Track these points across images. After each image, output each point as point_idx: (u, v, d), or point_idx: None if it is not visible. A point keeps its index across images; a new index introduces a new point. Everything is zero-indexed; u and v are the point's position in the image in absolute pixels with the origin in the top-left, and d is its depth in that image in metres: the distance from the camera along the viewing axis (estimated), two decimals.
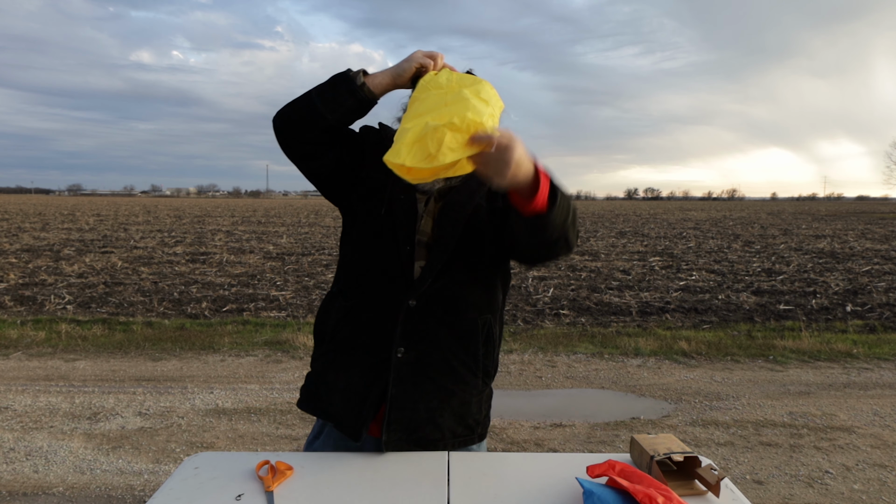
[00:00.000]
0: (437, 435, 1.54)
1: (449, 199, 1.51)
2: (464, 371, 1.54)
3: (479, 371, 1.57)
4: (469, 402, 1.57)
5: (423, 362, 1.50)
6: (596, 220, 34.99)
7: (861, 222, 32.34)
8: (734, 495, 1.30)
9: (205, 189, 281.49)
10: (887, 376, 5.30)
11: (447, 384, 1.53)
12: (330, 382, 1.56)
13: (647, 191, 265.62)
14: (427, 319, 1.49)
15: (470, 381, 1.56)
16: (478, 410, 1.61)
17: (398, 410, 1.50)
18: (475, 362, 1.56)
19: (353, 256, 1.59)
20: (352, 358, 1.54)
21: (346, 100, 1.44)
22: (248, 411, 4.37)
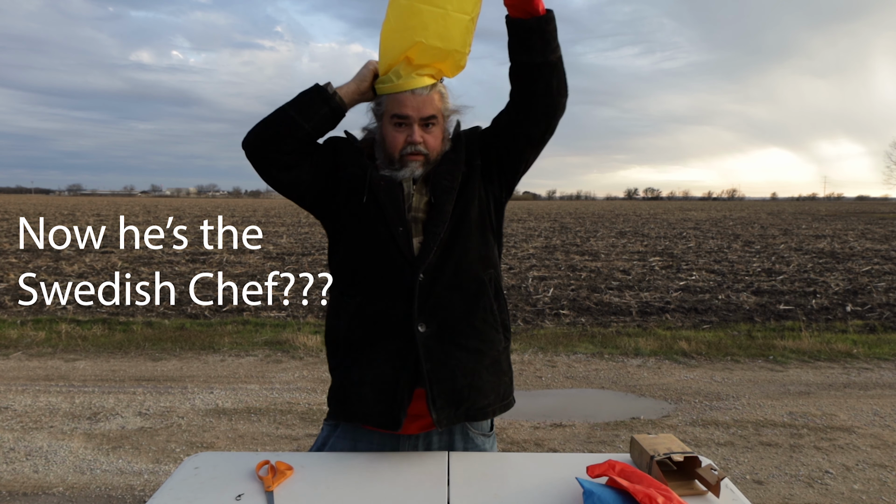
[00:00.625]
0: (483, 400, 1.56)
1: (436, 171, 1.55)
2: (486, 328, 1.57)
3: (499, 325, 1.61)
4: (499, 359, 1.61)
5: (446, 331, 1.52)
6: (596, 220, 34.99)
7: (861, 222, 32.34)
8: (734, 495, 1.30)
9: (205, 189, 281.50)
10: (887, 376, 5.30)
11: (475, 345, 1.55)
12: (356, 381, 1.54)
13: (647, 191, 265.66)
14: (438, 289, 1.51)
15: (494, 338, 1.59)
16: (508, 366, 1.65)
17: (438, 384, 1.49)
18: (493, 317, 1.59)
19: (348, 255, 1.59)
20: (373, 351, 1.53)
21: (320, 108, 1.53)
22: (248, 411, 4.37)
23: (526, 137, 1.56)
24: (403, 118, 1.51)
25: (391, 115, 1.53)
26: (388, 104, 1.54)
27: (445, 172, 1.55)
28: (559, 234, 22.59)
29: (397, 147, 1.53)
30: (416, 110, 1.51)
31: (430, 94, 1.52)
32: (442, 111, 1.56)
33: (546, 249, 16.34)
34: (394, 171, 1.54)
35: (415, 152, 1.53)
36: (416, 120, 1.52)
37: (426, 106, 1.52)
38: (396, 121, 1.52)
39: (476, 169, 1.59)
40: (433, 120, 1.54)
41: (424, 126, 1.53)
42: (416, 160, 1.54)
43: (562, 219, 36.06)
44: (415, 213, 1.54)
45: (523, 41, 1.46)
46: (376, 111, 1.59)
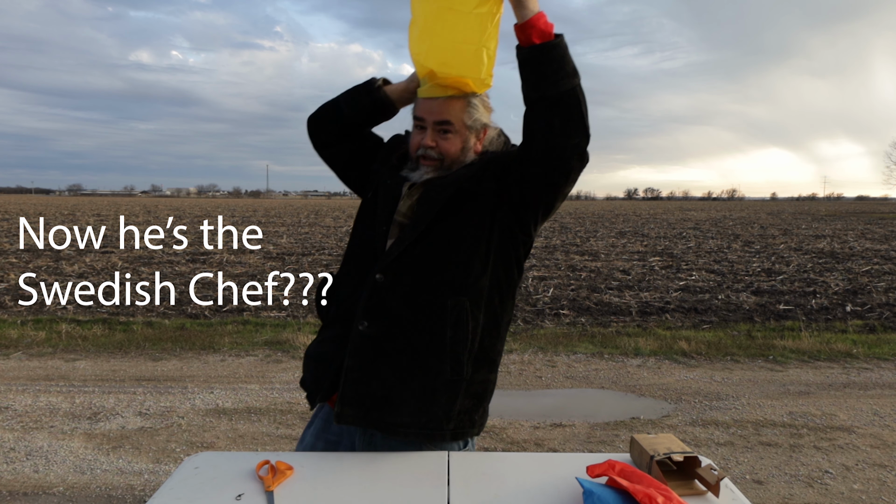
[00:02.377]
0: (395, 419, 1.50)
1: (431, 183, 1.56)
2: (427, 354, 1.50)
3: (447, 356, 1.49)
4: (434, 389, 1.50)
5: (383, 338, 1.51)
6: (596, 220, 35.00)
7: (861, 222, 32.34)
8: (734, 495, 1.30)
9: (205, 189, 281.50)
10: (887, 376, 5.30)
11: (406, 364, 1.50)
12: (309, 354, 1.67)
13: (646, 191, 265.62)
14: (393, 295, 1.51)
15: (434, 366, 1.50)
16: (448, 402, 1.51)
17: (352, 384, 1.51)
18: (440, 346, 1.49)
19: (350, 236, 1.71)
20: (326, 330, 1.65)
21: (362, 97, 1.65)
22: (248, 411, 4.37)
23: (533, 176, 1.47)
24: (420, 120, 1.57)
25: (413, 116, 1.61)
26: (415, 106, 1.62)
27: (440, 184, 1.53)
28: (559, 234, 22.59)
29: (414, 148, 1.58)
30: (429, 114, 1.54)
31: (448, 100, 1.53)
32: (463, 120, 1.54)
33: (546, 249, 16.33)
34: (410, 171, 1.60)
35: (426, 156, 1.55)
36: (430, 123, 1.54)
37: (440, 111, 1.53)
38: (416, 123, 1.59)
39: (487, 191, 1.52)
40: (447, 126, 1.54)
41: (439, 131, 1.54)
42: (427, 164, 1.56)
43: (562, 219, 36.06)
44: (398, 216, 1.55)
45: (519, 71, 1.43)
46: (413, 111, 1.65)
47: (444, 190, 1.52)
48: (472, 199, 1.52)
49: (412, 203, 1.55)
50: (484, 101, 1.58)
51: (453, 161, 1.56)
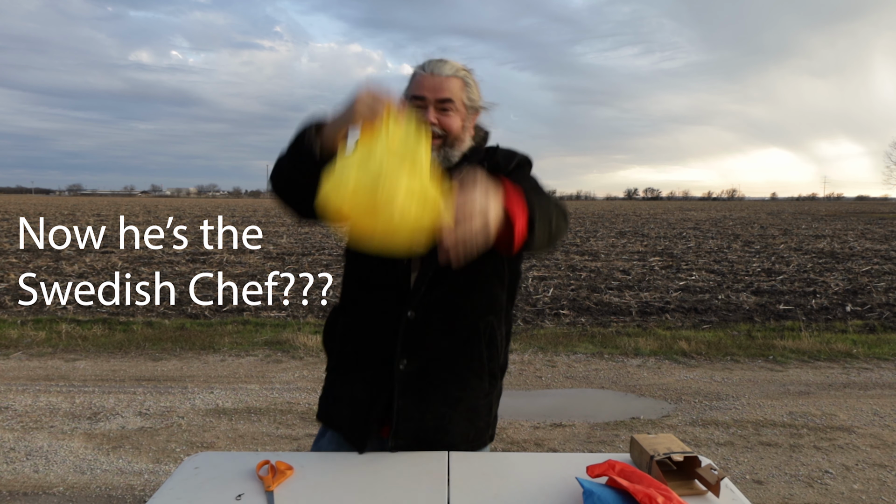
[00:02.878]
0: (447, 441, 1.53)
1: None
2: (469, 375, 1.54)
3: (485, 374, 1.57)
4: (477, 405, 1.57)
5: (427, 372, 1.50)
6: (596, 220, 34.99)
7: (861, 222, 32.33)
8: (734, 495, 1.30)
9: (205, 189, 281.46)
10: (887, 376, 5.30)
11: (454, 391, 1.53)
12: (338, 395, 1.59)
13: (646, 191, 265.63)
14: (427, 329, 1.49)
15: (476, 385, 1.56)
16: (487, 412, 1.61)
17: (405, 422, 1.50)
18: (480, 366, 1.55)
19: (351, 271, 1.60)
20: (356, 372, 1.55)
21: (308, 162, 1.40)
22: (248, 411, 4.37)
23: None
24: (419, 100, 1.49)
25: (411, 95, 1.51)
26: (410, 87, 1.53)
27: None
28: None
29: None
30: (431, 91, 1.48)
31: (449, 77, 1.49)
32: (463, 100, 1.52)
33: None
34: None
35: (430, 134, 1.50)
36: (432, 101, 1.48)
37: (443, 88, 1.49)
38: (415, 102, 1.50)
39: None
40: (449, 104, 1.49)
41: (440, 109, 1.49)
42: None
43: None
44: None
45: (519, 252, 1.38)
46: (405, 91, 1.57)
47: None
48: None
49: None
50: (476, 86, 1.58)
51: (455, 138, 1.52)
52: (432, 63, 1.51)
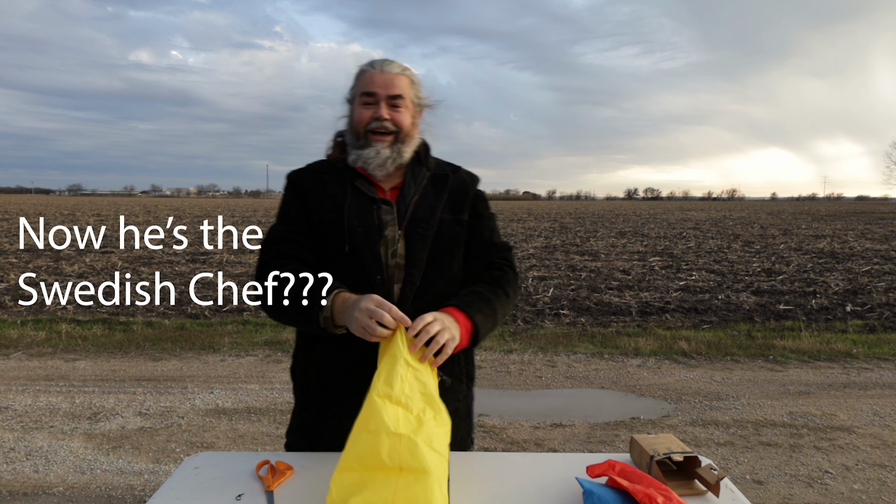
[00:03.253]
0: None
1: (413, 217, 1.53)
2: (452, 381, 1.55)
3: (464, 377, 1.60)
4: (458, 408, 1.58)
5: None
6: (596, 220, 34.99)
7: (861, 222, 32.34)
8: (734, 495, 1.30)
9: (205, 189, 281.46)
10: (887, 376, 5.30)
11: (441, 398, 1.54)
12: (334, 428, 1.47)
13: (646, 191, 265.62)
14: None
15: (458, 390, 1.58)
16: (466, 415, 1.63)
17: None
18: (459, 369, 1.58)
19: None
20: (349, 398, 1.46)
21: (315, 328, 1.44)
22: (248, 411, 4.37)
23: None
24: (371, 95, 1.54)
25: (360, 93, 1.55)
26: (358, 85, 1.58)
27: (421, 219, 1.53)
28: (559, 234, 22.59)
29: (363, 122, 1.54)
30: (383, 88, 1.53)
31: (398, 74, 1.55)
32: (412, 98, 1.58)
33: (546, 249, 16.33)
34: (358, 149, 1.55)
35: (381, 129, 1.53)
36: (383, 97, 1.53)
37: (394, 84, 1.54)
38: (365, 99, 1.54)
39: (462, 224, 1.60)
40: (400, 100, 1.54)
41: (392, 106, 1.54)
42: (381, 140, 1.54)
43: (562, 219, 36.05)
44: (398, 258, 1.51)
45: None
46: (349, 96, 1.61)
47: (428, 225, 1.53)
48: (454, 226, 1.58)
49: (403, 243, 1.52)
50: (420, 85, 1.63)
51: (406, 134, 1.56)
52: (381, 62, 1.56)
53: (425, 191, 1.58)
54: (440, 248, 1.54)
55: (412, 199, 1.55)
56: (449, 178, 1.62)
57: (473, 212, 1.63)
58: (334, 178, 1.59)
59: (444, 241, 1.55)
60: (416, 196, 1.56)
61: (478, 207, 1.65)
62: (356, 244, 1.49)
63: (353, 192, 1.55)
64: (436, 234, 1.53)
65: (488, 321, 1.48)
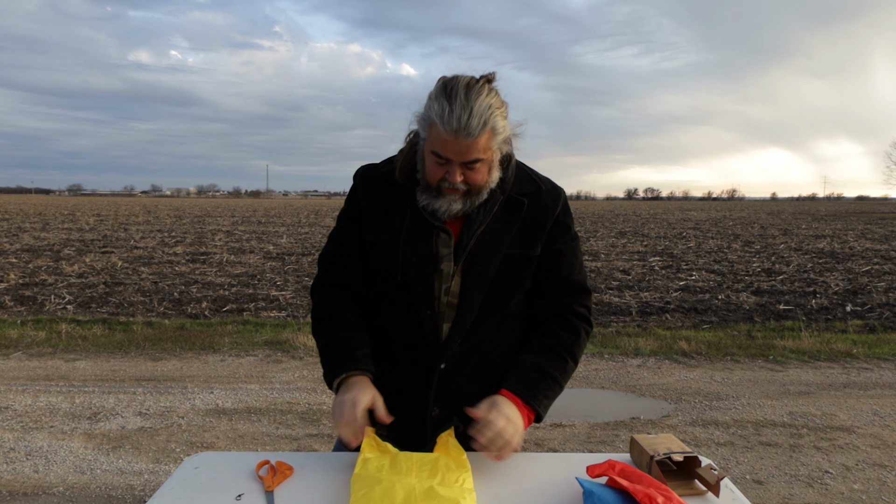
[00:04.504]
0: None
1: (474, 253, 1.41)
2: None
3: None
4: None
5: (458, 418, 1.45)
6: (596, 220, 34.99)
7: (861, 222, 32.34)
8: (734, 495, 1.30)
9: (205, 189, 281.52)
10: (887, 376, 5.30)
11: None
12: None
13: (646, 191, 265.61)
14: (459, 378, 1.44)
15: None
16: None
17: None
18: None
19: (375, 322, 1.51)
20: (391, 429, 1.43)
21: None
22: (248, 411, 4.37)
23: None
24: (444, 159, 1.33)
25: (431, 150, 1.34)
26: (430, 135, 1.33)
27: (482, 256, 1.40)
28: None
29: (435, 179, 1.37)
30: (458, 155, 1.31)
31: (477, 138, 1.29)
32: (492, 148, 1.35)
33: None
34: (430, 197, 1.39)
35: (454, 188, 1.36)
36: (458, 163, 1.33)
37: (471, 151, 1.31)
38: (437, 159, 1.34)
39: (532, 260, 1.45)
40: (478, 164, 1.34)
41: (467, 167, 1.34)
42: (453, 193, 1.37)
43: None
44: (450, 297, 1.41)
45: None
46: (420, 130, 1.38)
47: (490, 262, 1.41)
48: (519, 263, 1.45)
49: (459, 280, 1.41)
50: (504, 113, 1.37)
51: (481, 188, 1.39)
52: (458, 121, 1.27)
53: (494, 219, 1.41)
54: (500, 288, 1.42)
55: (476, 230, 1.40)
56: (524, 206, 1.43)
57: (551, 244, 1.46)
58: (396, 193, 1.44)
59: (506, 281, 1.43)
60: (482, 227, 1.41)
61: (557, 240, 1.46)
62: (409, 275, 1.40)
63: (413, 214, 1.41)
64: (498, 272, 1.41)
65: (551, 400, 1.42)
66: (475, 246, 1.40)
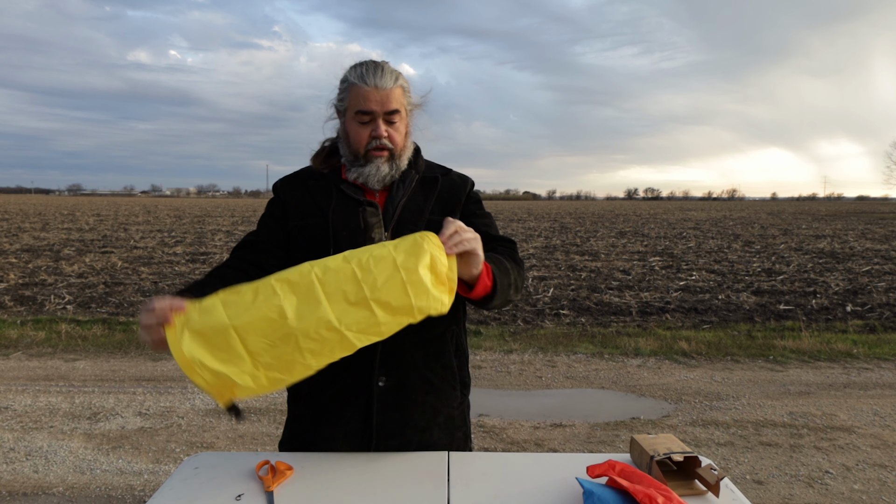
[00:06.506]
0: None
1: (400, 219, 1.51)
2: (444, 385, 1.56)
3: (457, 383, 1.60)
4: (453, 415, 1.59)
5: (405, 386, 1.51)
6: (596, 220, 35.00)
7: (861, 222, 32.34)
8: (734, 495, 1.30)
9: (205, 189, 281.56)
10: (887, 376, 5.30)
11: (431, 402, 1.54)
12: (327, 437, 1.54)
13: (647, 191, 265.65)
14: (401, 343, 1.46)
15: (450, 395, 1.58)
16: (462, 423, 1.63)
17: (386, 439, 1.50)
18: (452, 375, 1.58)
19: None
20: (341, 407, 1.52)
21: None
22: (247, 411, 4.37)
23: None
24: (368, 113, 1.48)
25: (355, 111, 1.49)
26: (350, 99, 1.50)
27: (408, 221, 1.51)
28: (559, 234, 22.59)
29: (362, 143, 1.50)
30: (379, 104, 1.48)
31: (392, 87, 1.48)
32: (405, 105, 1.53)
33: (546, 249, 16.33)
34: (359, 167, 1.52)
35: (380, 146, 1.50)
36: (381, 114, 1.49)
37: (391, 100, 1.48)
38: (360, 118, 1.49)
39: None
40: (396, 115, 1.50)
41: (388, 122, 1.50)
42: (380, 155, 1.51)
43: (562, 219, 36.06)
44: None
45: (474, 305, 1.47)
46: (339, 106, 1.55)
47: (416, 227, 1.48)
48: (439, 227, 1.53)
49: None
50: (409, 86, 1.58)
51: (402, 148, 1.54)
52: (372, 73, 1.48)
53: (413, 193, 1.56)
54: None
55: (399, 202, 1.54)
56: (439, 181, 1.60)
57: (465, 212, 1.60)
58: (319, 183, 1.57)
59: None
60: (404, 198, 1.54)
61: (470, 208, 1.62)
62: (341, 247, 1.45)
63: (339, 195, 1.54)
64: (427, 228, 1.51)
65: (503, 276, 1.41)
66: (400, 214, 1.53)
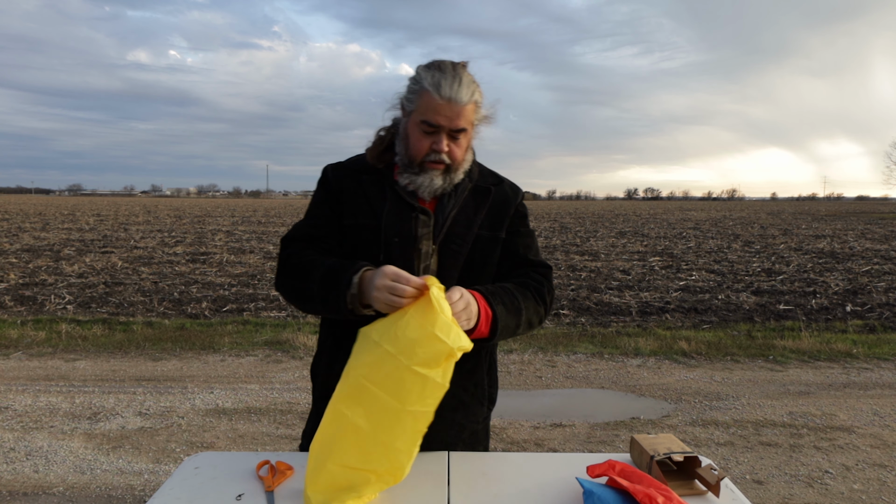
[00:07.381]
0: None
1: (449, 233, 1.48)
2: (472, 403, 1.56)
3: (486, 400, 1.60)
4: (477, 430, 1.60)
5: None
6: (596, 220, 34.99)
7: (861, 222, 32.33)
8: (734, 495, 1.30)
9: (205, 189, 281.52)
10: (887, 376, 5.30)
11: (458, 419, 1.54)
12: None
13: (646, 191, 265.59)
14: None
15: (477, 412, 1.59)
16: (485, 437, 1.65)
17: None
18: (482, 392, 1.58)
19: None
20: None
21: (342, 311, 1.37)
22: (248, 411, 4.37)
23: None
24: (433, 126, 1.41)
25: (421, 119, 1.42)
26: (419, 104, 1.42)
27: (456, 235, 1.48)
28: (559, 234, 22.59)
29: (421, 152, 1.44)
30: (448, 120, 1.41)
31: (466, 104, 1.40)
32: (473, 122, 1.47)
33: (546, 249, 16.33)
34: (412, 174, 1.46)
35: (438, 160, 1.44)
36: (447, 130, 1.42)
37: (460, 118, 1.41)
38: (425, 128, 1.42)
39: (499, 241, 1.54)
40: (462, 133, 1.44)
41: (452, 137, 1.44)
42: (436, 168, 1.46)
43: (562, 219, 36.05)
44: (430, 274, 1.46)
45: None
46: (406, 106, 1.47)
47: (463, 241, 1.48)
48: (488, 245, 1.53)
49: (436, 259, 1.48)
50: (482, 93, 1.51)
51: (460, 163, 1.48)
52: (450, 87, 1.39)
53: (465, 204, 1.51)
54: (473, 266, 1.49)
55: (450, 213, 1.49)
56: (491, 193, 1.55)
57: (510, 228, 1.56)
58: (373, 179, 1.51)
59: (479, 259, 1.51)
60: (455, 209, 1.49)
61: (515, 224, 1.57)
62: (391, 255, 1.44)
63: (394, 197, 1.48)
64: (470, 251, 1.49)
65: (511, 318, 1.40)
66: (450, 226, 1.49)
